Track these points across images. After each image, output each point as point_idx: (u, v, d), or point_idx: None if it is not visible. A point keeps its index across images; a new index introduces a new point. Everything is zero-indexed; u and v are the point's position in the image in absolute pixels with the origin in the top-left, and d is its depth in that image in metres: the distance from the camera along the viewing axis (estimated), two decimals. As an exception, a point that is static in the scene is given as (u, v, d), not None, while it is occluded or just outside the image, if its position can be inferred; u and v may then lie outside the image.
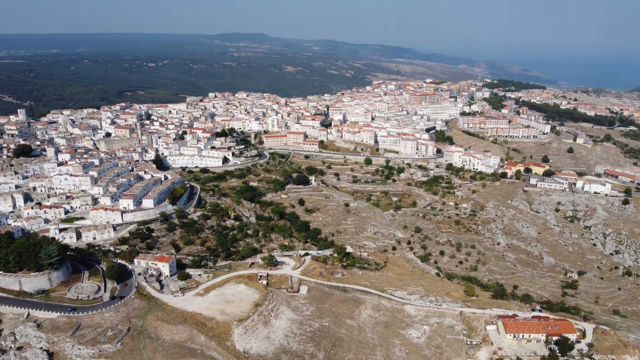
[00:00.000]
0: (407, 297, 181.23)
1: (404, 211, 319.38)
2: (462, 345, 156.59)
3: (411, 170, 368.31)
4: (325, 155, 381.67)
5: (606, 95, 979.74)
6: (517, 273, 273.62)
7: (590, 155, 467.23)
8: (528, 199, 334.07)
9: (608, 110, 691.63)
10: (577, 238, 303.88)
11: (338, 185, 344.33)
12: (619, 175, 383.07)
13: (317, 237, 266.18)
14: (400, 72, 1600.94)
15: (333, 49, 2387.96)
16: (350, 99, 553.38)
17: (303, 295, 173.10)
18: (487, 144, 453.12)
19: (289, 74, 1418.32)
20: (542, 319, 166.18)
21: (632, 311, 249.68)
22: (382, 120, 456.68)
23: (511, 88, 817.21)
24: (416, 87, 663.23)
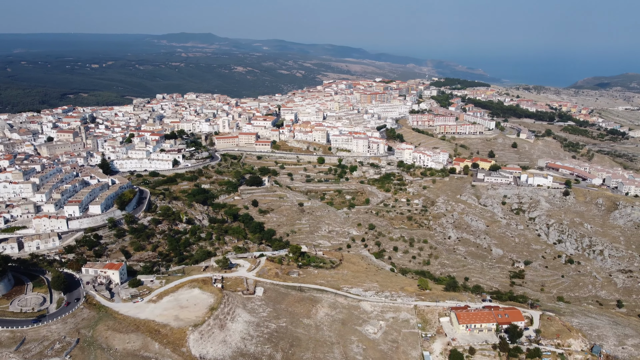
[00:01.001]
0: (363, 294, 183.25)
1: (357, 209, 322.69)
2: (418, 338, 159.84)
3: (363, 168, 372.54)
4: (278, 156, 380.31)
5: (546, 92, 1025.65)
6: (467, 265, 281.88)
7: (533, 150, 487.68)
8: (476, 194, 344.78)
9: (548, 106, 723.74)
10: (523, 229, 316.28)
11: (292, 185, 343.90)
12: (559, 168, 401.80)
13: (272, 238, 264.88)
14: (350, 71, 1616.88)
15: (283, 48, 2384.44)
16: (302, 99, 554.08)
17: (259, 296, 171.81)
18: (436, 141, 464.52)
19: (239, 74, 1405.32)
20: (492, 308, 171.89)
21: (574, 297, 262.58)
22: (333, 119, 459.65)
23: (457, 86, 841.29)
24: (366, 86, 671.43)
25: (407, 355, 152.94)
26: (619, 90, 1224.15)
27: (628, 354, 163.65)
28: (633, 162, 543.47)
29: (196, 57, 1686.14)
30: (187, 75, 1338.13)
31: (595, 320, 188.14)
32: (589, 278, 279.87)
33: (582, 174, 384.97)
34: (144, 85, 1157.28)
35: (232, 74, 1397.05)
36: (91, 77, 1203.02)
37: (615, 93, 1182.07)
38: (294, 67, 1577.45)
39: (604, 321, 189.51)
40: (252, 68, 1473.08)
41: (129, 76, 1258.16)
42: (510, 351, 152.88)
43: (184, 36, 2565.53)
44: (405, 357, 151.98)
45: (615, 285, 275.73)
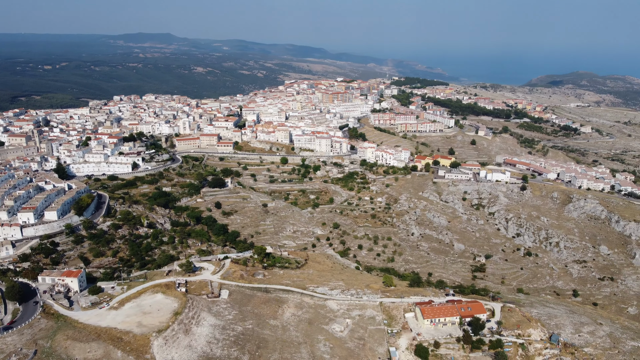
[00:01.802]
0: (329, 293, 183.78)
1: (321, 208, 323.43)
2: (384, 334, 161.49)
3: (327, 167, 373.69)
4: (241, 157, 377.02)
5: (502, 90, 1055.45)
6: (431, 261, 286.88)
7: (491, 146, 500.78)
8: (437, 190, 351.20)
9: (504, 104, 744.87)
10: (483, 224, 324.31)
11: (255, 186, 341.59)
12: (516, 163, 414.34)
13: (236, 240, 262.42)
14: (312, 71, 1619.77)
15: (244, 49, 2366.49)
16: (264, 99, 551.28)
17: (224, 299, 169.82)
18: (397, 139, 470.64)
19: (199, 74, 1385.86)
20: (455, 302, 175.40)
21: (533, 288, 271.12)
22: (296, 119, 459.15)
23: (417, 85, 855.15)
24: (328, 86, 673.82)
25: (374, 351, 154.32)
26: (570, 87, 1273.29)
27: (584, 340, 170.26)
28: (585, 157, 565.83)
29: (154, 58, 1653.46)
30: (146, 76, 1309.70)
31: (553, 310, 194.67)
32: (547, 269, 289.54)
33: (537, 169, 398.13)
34: (100, 86, 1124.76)
35: (192, 75, 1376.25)
36: (44, 79, 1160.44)
37: (567, 90, 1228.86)
38: (255, 67, 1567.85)
39: (561, 310, 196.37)
40: (212, 68, 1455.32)
41: (84, 78, 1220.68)
42: (473, 343, 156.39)
43: (142, 36, 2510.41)
44: (372, 354, 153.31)
45: (571, 276, 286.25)
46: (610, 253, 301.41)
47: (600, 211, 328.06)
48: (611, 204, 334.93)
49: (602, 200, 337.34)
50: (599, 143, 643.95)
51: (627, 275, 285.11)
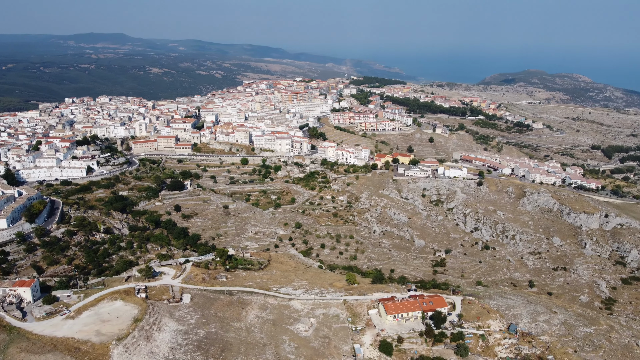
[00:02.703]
0: (293, 293, 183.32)
1: (283, 208, 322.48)
2: (348, 332, 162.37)
3: (288, 167, 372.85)
4: (200, 158, 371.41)
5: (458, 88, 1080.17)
6: (392, 257, 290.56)
7: (448, 144, 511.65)
8: (397, 188, 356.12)
9: (460, 102, 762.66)
10: (442, 220, 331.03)
11: (215, 187, 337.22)
12: (473, 160, 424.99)
13: (197, 243, 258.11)
14: (271, 71, 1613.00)
15: (200, 49, 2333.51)
16: (222, 100, 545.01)
17: (186, 303, 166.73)
18: (357, 138, 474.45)
19: (155, 75, 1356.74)
20: (417, 297, 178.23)
21: (491, 280, 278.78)
22: (255, 119, 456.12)
23: (376, 84, 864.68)
24: (287, 86, 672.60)
25: (339, 349, 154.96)
26: (522, 85, 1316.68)
27: (540, 329, 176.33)
28: (537, 152, 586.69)
29: (108, 59, 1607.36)
30: (99, 78, 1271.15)
31: (511, 301, 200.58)
32: (504, 262, 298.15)
33: (493, 165, 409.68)
34: (50, 89, 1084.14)
35: (148, 76, 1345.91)
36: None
37: (519, 88, 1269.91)
38: (213, 68, 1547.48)
39: (519, 301, 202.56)
40: (168, 69, 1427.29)
41: (33, 80, 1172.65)
42: (435, 337, 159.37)
43: (93, 36, 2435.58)
44: (337, 352, 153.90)
45: (527, 267, 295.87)
46: (563, 244, 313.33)
47: (552, 204, 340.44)
48: (562, 196, 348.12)
49: (554, 194, 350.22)
50: (550, 138, 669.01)
51: (579, 264, 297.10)
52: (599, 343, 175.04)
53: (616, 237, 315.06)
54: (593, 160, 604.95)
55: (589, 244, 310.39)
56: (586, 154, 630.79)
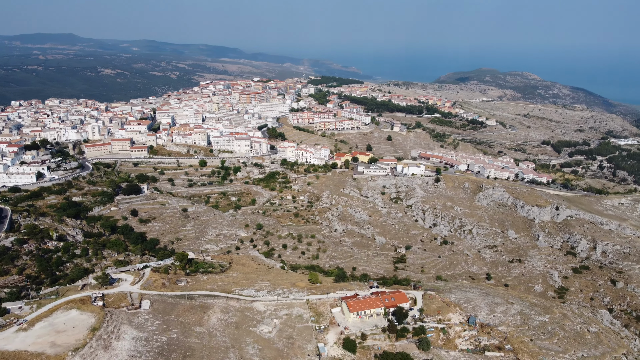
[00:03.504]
0: (255, 294, 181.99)
1: (244, 210, 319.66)
2: (312, 331, 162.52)
3: (247, 168, 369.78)
4: (157, 161, 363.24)
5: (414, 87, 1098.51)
6: (354, 255, 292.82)
7: (406, 141, 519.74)
8: (357, 186, 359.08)
9: (416, 100, 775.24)
10: (402, 217, 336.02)
11: (173, 190, 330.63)
12: (430, 157, 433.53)
13: (155, 248, 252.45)
14: (227, 71, 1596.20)
15: (154, 49, 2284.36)
16: (178, 101, 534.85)
17: (146, 310, 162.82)
18: (316, 138, 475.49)
19: (108, 77, 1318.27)
20: (379, 294, 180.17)
21: (451, 275, 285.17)
22: (213, 120, 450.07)
23: (334, 84, 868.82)
24: (245, 86, 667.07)
25: (303, 349, 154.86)
26: (475, 84, 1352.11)
27: (498, 320, 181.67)
28: (491, 148, 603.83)
29: (57, 60, 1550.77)
30: (47, 80, 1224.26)
31: (470, 294, 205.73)
32: (462, 256, 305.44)
33: (449, 162, 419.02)
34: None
35: (100, 77, 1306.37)
36: None
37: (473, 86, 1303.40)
38: (168, 69, 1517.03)
39: (477, 293, 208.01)
40: (121, 70, 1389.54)
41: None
42: (398, 332, 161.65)
43: (41, 37, 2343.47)
44: (301, 352, 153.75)
45: (484, 260, 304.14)
46: (518, 237, 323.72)
47: (507, 198, 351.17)
48: (516, 191, 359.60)
49: (508, 188, 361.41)
50: (503, 135, 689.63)
51: (533, 256, 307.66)
52: (553, 331, 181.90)
53: (567, 229, 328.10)
54: (544, 155, 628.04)
55: (541, 236, 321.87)
56: (537, 149, 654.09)
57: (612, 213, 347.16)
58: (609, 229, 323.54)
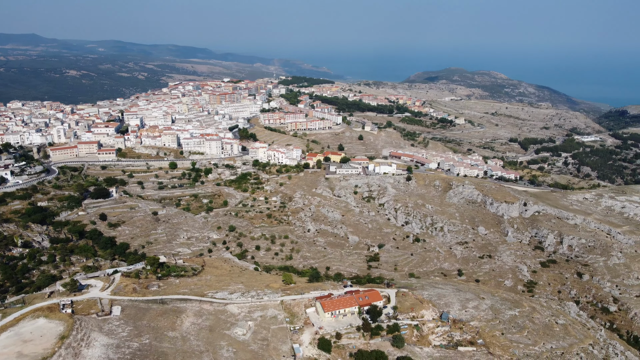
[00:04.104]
0: (229, 297, 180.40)
1: (216, 212, 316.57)
2: (287, 332, 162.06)
3: (219, 170, 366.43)
4: (125, 164, 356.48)
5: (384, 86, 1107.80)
6: (328, 255, 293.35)
7: (377, 141, 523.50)
8: (330, 186, 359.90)
9: (387, 99, 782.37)
10: (375, 215, 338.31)
11: (143, 193, 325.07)
12: (401, 156, 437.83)
13: (125, 252, 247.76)
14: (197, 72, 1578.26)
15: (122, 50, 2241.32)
16: (147, 102, 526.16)
17: (117, 316, 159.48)
18: (288, 138, 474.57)
19: (73, 78, 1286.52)
20: (353, 293, 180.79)
21: (423, 272, 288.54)
22: (183, 122, 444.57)
23: (304, 84, 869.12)
24: (215, 87, 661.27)
25: (278, 350, 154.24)
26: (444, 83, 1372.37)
27: (470, 315, 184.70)
28: (460, 146, 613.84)
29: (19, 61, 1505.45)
30: (9, 81, 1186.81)
31: (442, 290, 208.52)
32: (434, 253, 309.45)
33: (420, 160, 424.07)
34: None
35: (65, 79, 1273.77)
36: None
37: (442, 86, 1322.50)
38: (136, 70, 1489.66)
39: (449, 290, 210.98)
40: (87, 71, 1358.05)
41: None
42: (372, 330, 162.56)
43: (2, 37, 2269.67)
44: (276, 353, 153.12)
45: (456, 257, 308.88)
46: (487, 233, 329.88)
47: (476, 195, 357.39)
48: (485, 188, 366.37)
49: (478, 185, 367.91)
50: (471, 133, 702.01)
51: (502, 251, 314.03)
52: (523, 324, 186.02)
53: (534, 224, 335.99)
54: (511, 152, 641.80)
55: (510, 232, 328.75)
56: (505, 146, 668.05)
57: (577, 208, 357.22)
58: (575, 223, 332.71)
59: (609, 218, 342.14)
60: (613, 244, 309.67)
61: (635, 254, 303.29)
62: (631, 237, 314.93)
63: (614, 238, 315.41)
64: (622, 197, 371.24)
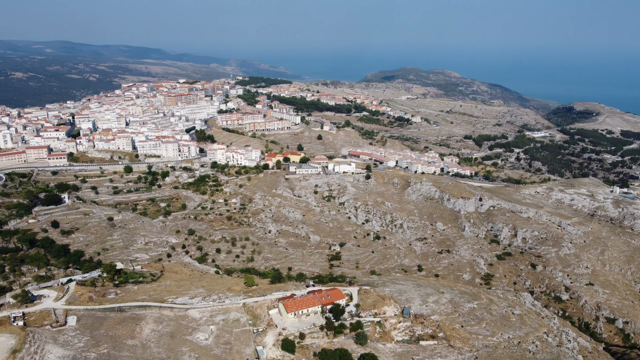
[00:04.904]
0: (190, 302, 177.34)
1: (174, 215, 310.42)
2: (250, 335, 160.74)
3: (176, 172, 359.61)
4: (78, 169, 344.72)
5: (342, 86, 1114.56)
6: (289, 256, 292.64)
7: (336, 140, 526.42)
8: (290, 186, 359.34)
9: (345, 99, 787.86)
10: (335, 214, 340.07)
11: (97, 199, 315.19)
12: (360, 154, 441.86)
13: (80, 260, 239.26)
14: (151, 73, 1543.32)
15: (71, 51, 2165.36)
16: (99, 105, 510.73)
17: (72, 326, 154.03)
18: (247, 139, 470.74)
19: (19, 80, 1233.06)
20: (316, 292, 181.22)
21: (384, 269, 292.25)
22: (138, 124, 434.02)
23: (262, 84, 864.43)
24: (170, 88, 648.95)
25: (241, 354, 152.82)
26: (401, 82, 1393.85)
27: (430, 309, 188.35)
28: (418, 144, 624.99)
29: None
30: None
31: (403, 286, 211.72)
32: (394, 250, 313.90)
33: (379, 159, 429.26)
34: None
35: (10, 81, 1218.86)
36: None
37: (398, 85, 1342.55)
38: (87, 71, 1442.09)
39: (410, 285, 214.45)
40: (34, 73, 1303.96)
41: None
42: (336, 329, 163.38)
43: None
44: (240, 356, 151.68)
45: (415, 253, 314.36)
46: (445, 228, 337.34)
47: (434, 192, 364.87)
48: (442, 184, 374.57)
49: (435, 182, 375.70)
50: (428, 131, 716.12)
51: (460, 246, 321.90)
52: (482, 316, 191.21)
53: (490, 218, 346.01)
54: (466, 149, 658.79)
55: (467, 227, 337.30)
56: (460, 143, 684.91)
57: (530, 201, 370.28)
58: (528, 216, 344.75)
59: (559, 210, 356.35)
60: (564, 235, 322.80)
61: (584, 244, 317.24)
62: (580, 228, 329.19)
63: (564, 229, 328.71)
64: (571, 190, 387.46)
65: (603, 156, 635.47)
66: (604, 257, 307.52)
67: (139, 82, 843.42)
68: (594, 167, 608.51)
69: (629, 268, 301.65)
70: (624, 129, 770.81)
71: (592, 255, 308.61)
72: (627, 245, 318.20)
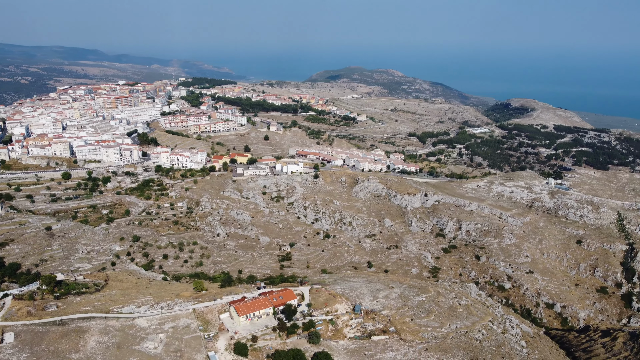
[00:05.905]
0: (137, 311, 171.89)
1: (117, 222, 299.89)
2: (201, 341, 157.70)
3: (118, 178, 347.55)
4: (11, 177, 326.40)
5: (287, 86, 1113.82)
6: (239, 258, 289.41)
7: (283, 140, 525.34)
8: (238, 188, 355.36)
9: (291, 99, 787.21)
10: (284, 215, 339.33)
11: (34, 208, 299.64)
12: (307, 154, 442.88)
13: (16, 273, 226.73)
14: (89, 75, 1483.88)
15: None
16: (33, 109, 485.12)
17: (10, 343, 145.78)
18: (192, 141, 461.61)
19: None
20: (267, 294, 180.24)
21: (335, 267, 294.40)
22: (75, 129, 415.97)
23: (206, 85, 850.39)
24: (109, 91, 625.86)
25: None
26: (345, 81, 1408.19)
27: (381, 305, 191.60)
28: (364, 142, 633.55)
29: None
30: None
31: (354, 283, 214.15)
32: (344, 248, 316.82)
33: (326, 158, 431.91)
34: None
35: None
36: None
37: (343, 84, 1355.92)
38: (17, 74, 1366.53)
39: (360, 282, 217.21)
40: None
41: None
42: (288, 329, 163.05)
43: None
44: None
45: (365, 250, 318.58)
46: (393, 224, 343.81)
47: (381, 189, 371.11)
48: (389, 181, 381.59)
49: (382, 180, 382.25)
50: (373, 129, 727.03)
51: (407, 241, 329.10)
52: (430, 308, 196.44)
53: (435, 213, 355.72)
54: (411, 146, 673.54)
55: (414, 222, 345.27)
56: (405, 141, 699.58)
57: (472, 195, 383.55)
58: (471, 210, 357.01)
59: (500, 203, 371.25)
60: (505, 227, 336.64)
61: (523, 234, 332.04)
62: (519, 219, 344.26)
63: (505, 221, 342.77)
64: (510, 183, 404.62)
65: (538, 150, 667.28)
66: (542, 246, 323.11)
67: (75, 85, 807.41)
68: (530, 161, 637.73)
69: (565, 255, 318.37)
70: (556, 123, 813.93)
71: (531, 244, 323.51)
72: (563, 234, 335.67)
